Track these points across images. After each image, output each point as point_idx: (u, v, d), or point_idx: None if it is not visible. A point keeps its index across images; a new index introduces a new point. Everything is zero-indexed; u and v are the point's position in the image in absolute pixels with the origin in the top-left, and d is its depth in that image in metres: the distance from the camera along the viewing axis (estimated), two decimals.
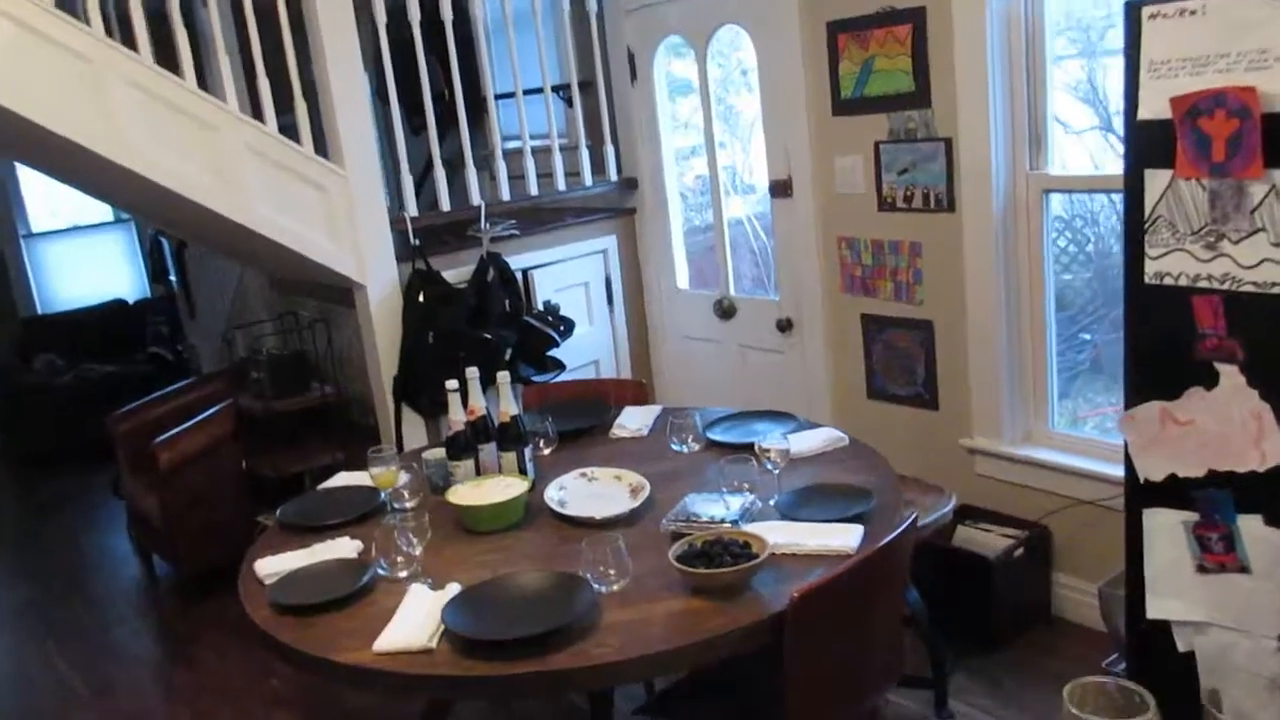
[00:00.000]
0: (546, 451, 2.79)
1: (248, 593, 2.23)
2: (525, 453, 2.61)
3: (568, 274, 4.25)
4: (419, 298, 3.70)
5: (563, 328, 3.92)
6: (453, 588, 2.07)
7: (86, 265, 8.00)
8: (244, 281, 5.12)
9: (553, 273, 4.18)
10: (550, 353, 3.90)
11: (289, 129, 3.50)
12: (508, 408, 2.60)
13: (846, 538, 2.11)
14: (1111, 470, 2.95)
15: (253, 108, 3.50)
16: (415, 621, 1.96)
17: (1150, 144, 2.16)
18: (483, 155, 4.30)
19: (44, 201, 7.85)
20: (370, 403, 3.94)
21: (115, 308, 7.74)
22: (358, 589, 2.12)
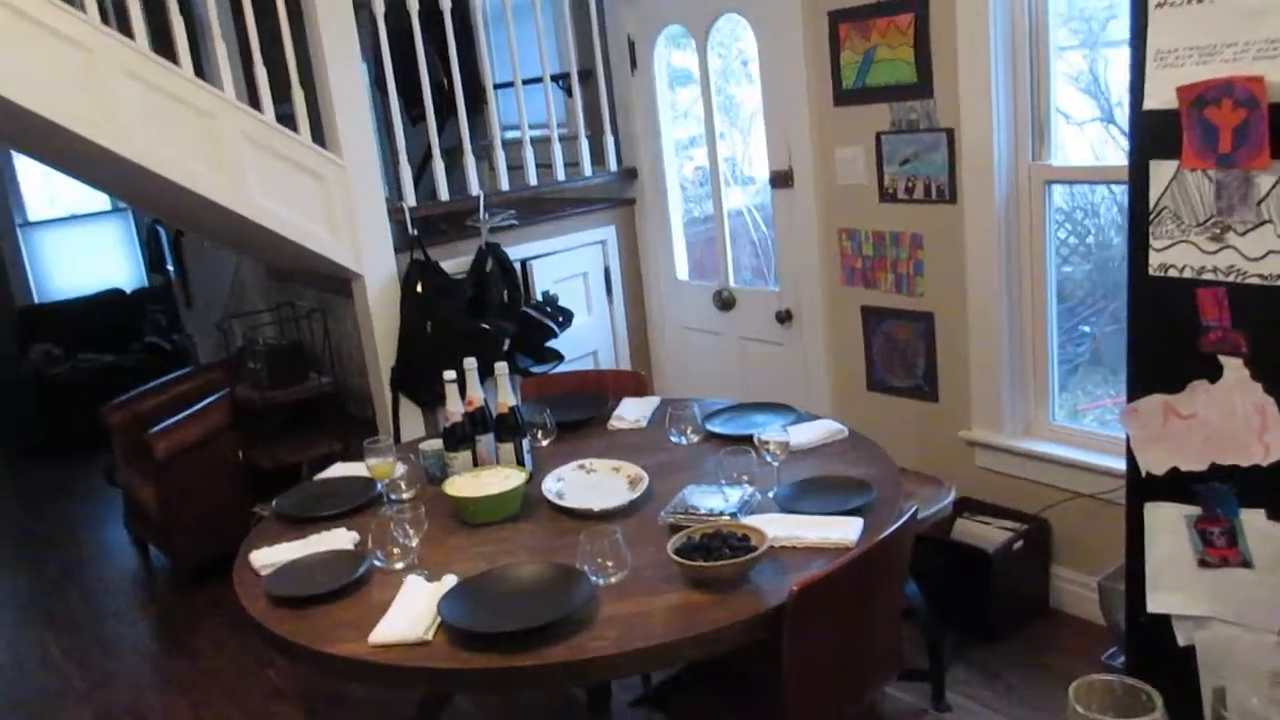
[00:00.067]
0: (544, 443, 2.78)
1: (243, 584, 2.22)
2: (523, 444, 2.60)
3: (566, 264, 4.24)
4: (417, 288, 3.69)
5: (561, 318, 3.90)
6: (449, 580, 2.06)
7: (83, 254, 7.97)
8: (241, 271, 5.11)
9: (551, 263, 4.17)
10: (549, 344, 3.89)
11: (286, 118, 3.48)
12: (506, 399, 2.59)
13: (846, 530, 2.10)
14: (1112, 463, 2.95)
15: (250, 96, 3.48)
16: (411, 613, 1.95)
17: (1156, 134, 2.13)
18: (482, 145, 4.28)
19: (41, 190, 7.82)
20: (367, 393, 3.92)
21: (112, 297, 7.72)
22: (354, 580, 2.11)
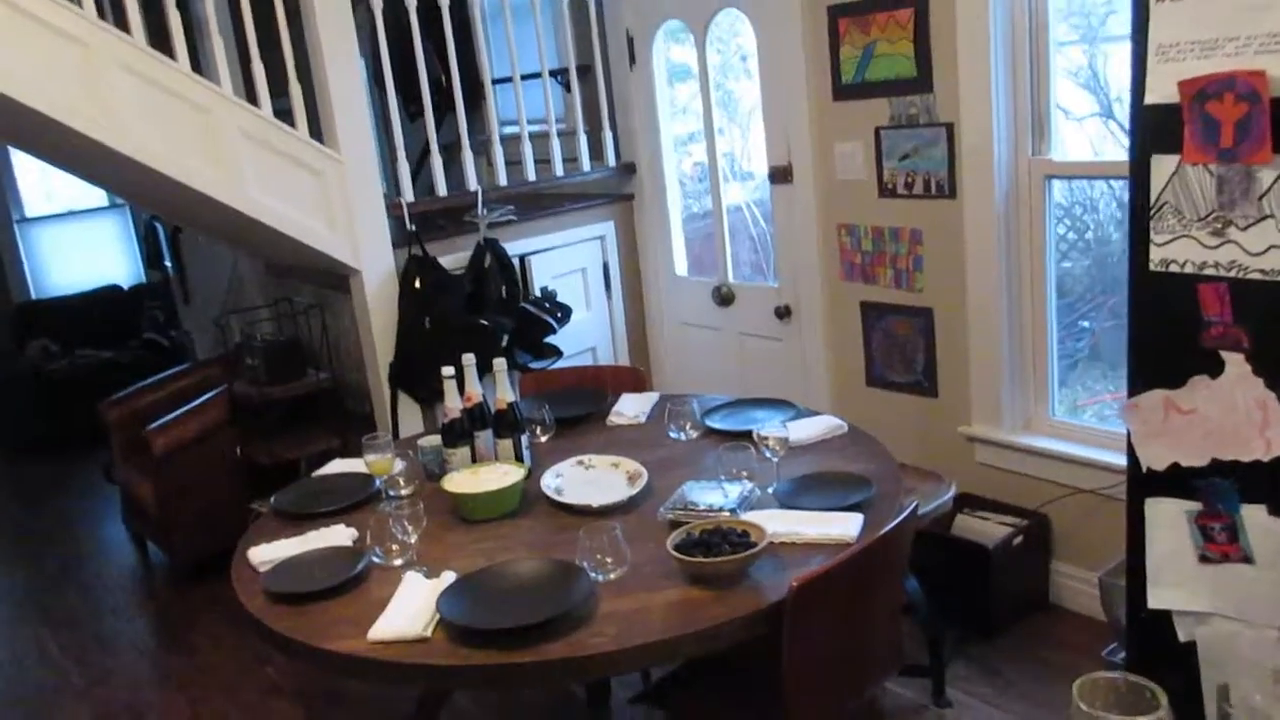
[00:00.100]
0: (543, 439, 2.77)
1: (241, 580, 2.22)
2: (522, 440, 2.60)
3: (565, 260, 4.23)
4: (415, 284, 3.68)
5: (560, 314, 3.90)
6: (448, 576, 2.05)
7: (81, 250, 7.96)
8: (239, 267, 5.09)
9: (550, 259, 4.16)
10: (547, 339, 3.88)
11: (284, 113, 3.47)
12: (504, 395, 2.58)
13: (846, 526, 2.09)
14: (1111, 459, 2.94)
15: (247, 92, 3.47)
16: (410, 610, 1.94)
17: (1157, 129, 2.12)
18: (480, 140, 4.27)
19: (38, 186, 7.81)
20: (366, 389, 3.92)
21: (110, 293, 7.70)
22: (352, 577, 2.10)
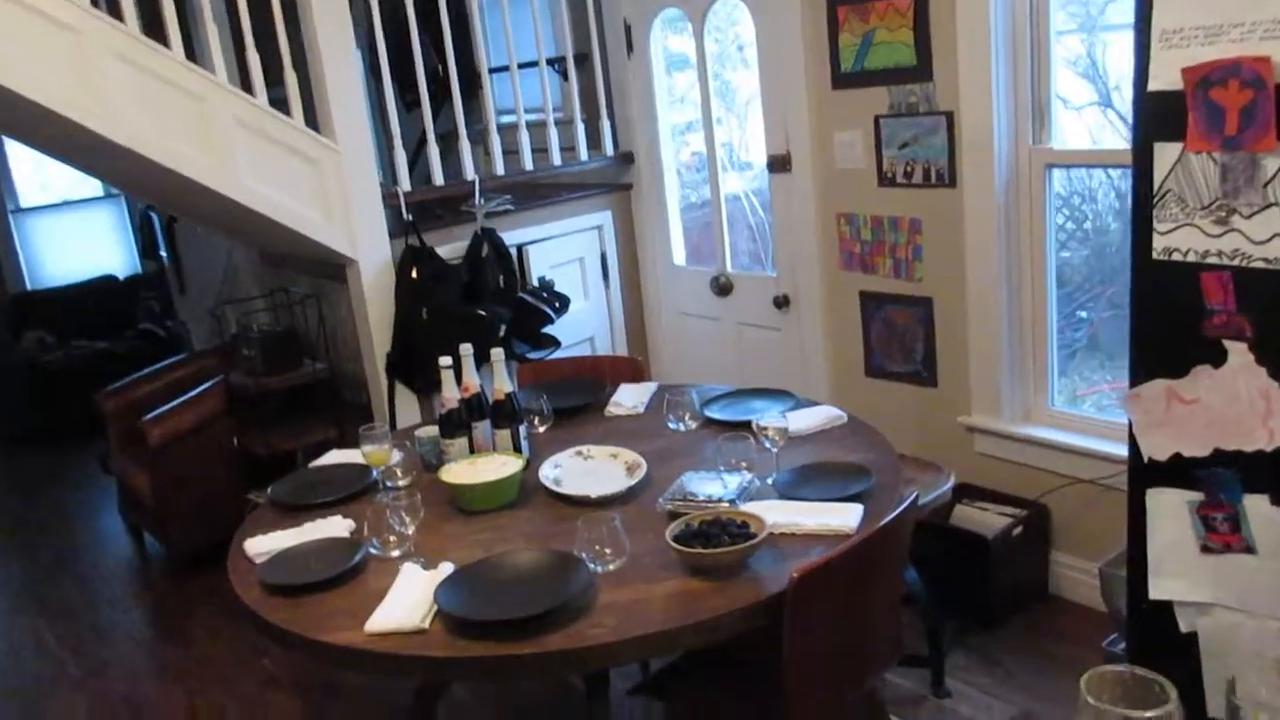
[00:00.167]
0: (541, 429, 2.76)
1: (237, 572, 2.20)
2: (520, 430, 2.58)
3: (563, 250, 4.21)
4: (412, 274, 3.66)
5: (558, 304, 3.88)
6: (446, 567, 2.04)
7: (76, 241, 7.93)
8: (234, 257, 5.07)
9: (547, 248, 4.14)
10: (545, 329, 3.87)
11: (279, 102, 3.44)
12: (502, 385, 2.56)
13: (846, 517, 2.08)
14: (1111, 449, 2.94)
15: (242, 80, 3.44)
16: (408, 601, 1.93)
17: (1160, 116, 2.10)
18: (477, 130, 4.25)
19: (33, 176, 7.77)
20: (363, 380, 3.90)
21: (105, 284, 7.68)
22: (349, 568, 2.08)
